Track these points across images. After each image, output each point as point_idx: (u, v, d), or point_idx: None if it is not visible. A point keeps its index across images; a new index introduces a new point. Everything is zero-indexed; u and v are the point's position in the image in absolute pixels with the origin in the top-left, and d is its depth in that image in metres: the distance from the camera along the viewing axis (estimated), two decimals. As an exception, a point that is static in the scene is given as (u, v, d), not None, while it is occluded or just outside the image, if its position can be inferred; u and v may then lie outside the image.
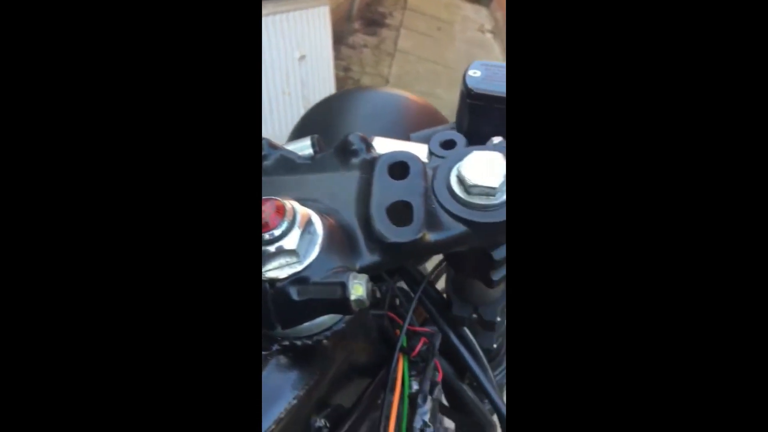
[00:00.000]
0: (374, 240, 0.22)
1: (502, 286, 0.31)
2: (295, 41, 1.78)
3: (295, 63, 1.75)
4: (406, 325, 0.30)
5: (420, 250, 0.22)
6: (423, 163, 0.24)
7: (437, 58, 3.32)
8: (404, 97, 0.53)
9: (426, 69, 3.09)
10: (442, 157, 0.27)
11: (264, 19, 1.70)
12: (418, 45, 3.43)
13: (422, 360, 0.31)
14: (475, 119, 0.30)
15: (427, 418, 0.28)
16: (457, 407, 0.41)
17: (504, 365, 0.41)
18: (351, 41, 3.09)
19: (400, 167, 0.24)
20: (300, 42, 1.81)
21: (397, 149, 0.25)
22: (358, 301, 0.20)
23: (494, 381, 0.34)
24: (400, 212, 0.22)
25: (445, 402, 0.44)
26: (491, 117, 0.28)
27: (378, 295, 0.31)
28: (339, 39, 3.08)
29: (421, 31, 3.74)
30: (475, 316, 0.31)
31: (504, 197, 0.23)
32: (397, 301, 0.34)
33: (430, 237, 0.22)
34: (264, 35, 1.60)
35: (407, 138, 0.33)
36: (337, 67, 2.28)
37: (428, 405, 0.28)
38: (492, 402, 0.31)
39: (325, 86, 1.94)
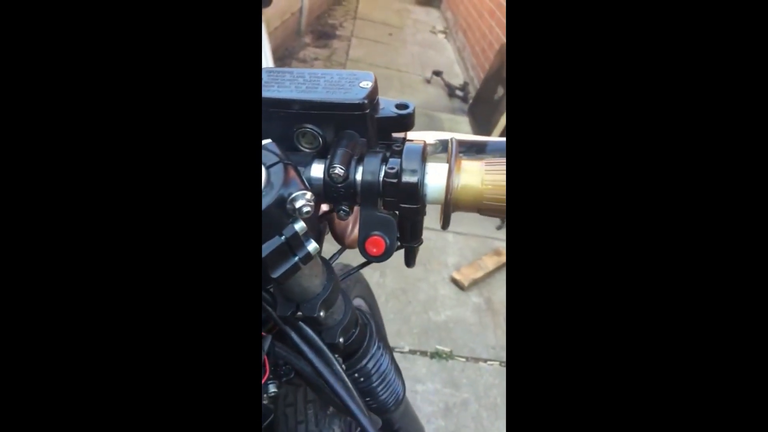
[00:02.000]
0: None
1: (319, 280, 0.33)
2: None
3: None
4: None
5: None
6: None
7: (389, 63, 3.37)
8: None
9: (378, 74, 3.10)
10: None
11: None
12: (370, 52, 3.47)
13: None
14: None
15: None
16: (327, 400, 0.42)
17: (364, 362, 0.41)
18: (302, 55, 3.11)
19: None
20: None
21: None
22: None
23: (342, 374, 0.35)
24: None
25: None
26: (276, 120, 0.29)
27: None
28: (290, 54, 3.10)
29: (373, 38, 3.78)
30: (300, 313, 0.32)
31: None
32: None
33: None
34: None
35: None
36: (286, 82, 2.30)
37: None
38: (335, 392, 0.33)
39: (270, 102, 1.96)
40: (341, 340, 0.36)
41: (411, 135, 0.34)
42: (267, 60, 1.98)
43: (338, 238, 0.38)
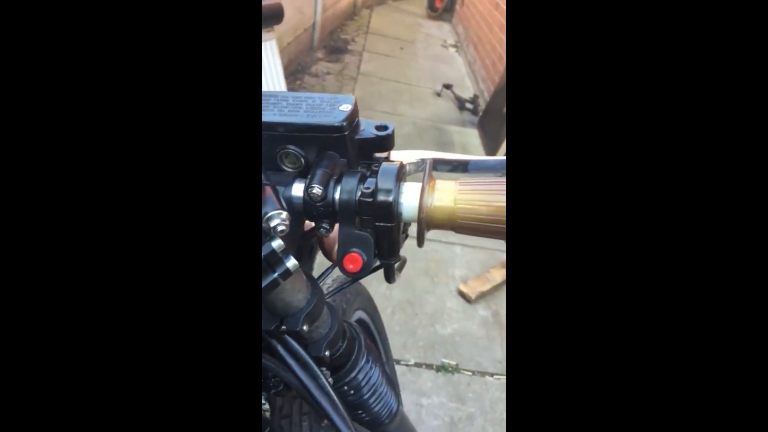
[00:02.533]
0: None
1: (303, 295, 0.34)
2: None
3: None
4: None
5: None
6: None
7: (399, 77, 3.40)
8: None
9: (388, 88, 3.16)
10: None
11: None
12: (381, 66, 3.51)
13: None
14: None
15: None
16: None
17: (353, 374, 0.42)
18: (314, 70, 3.17)
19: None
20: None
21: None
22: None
23: (327, 386, 0.35)
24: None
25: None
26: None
27: None
28: (302, 69, 3.16)
29: (384, 52, 3.83)
30: (283, 327, 0.33)
31: None
32: None
33: None
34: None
35: None
36: (297, 96, 2.36)
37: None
38: (318, 404, 0.34)
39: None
40: (327, 353, 0.37)
41: (395, 154, 0.35)
42: (278, 75, 2.03)
43: (327, 255, 0.39)
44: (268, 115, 0.30)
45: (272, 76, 1.95)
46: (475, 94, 3.20)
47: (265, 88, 2.00)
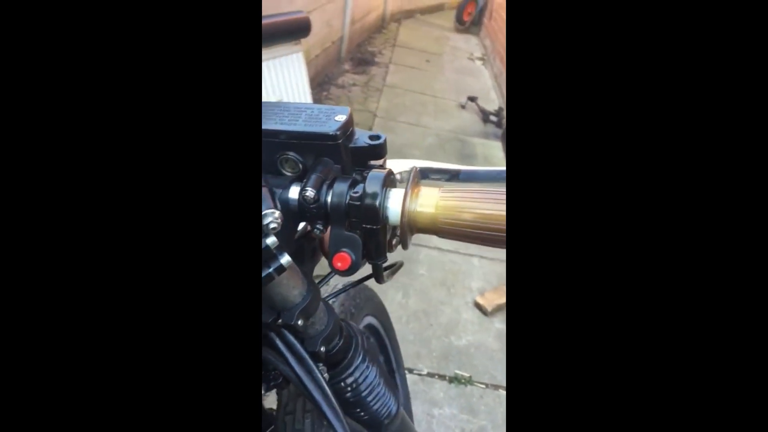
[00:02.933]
0: None
1: (298, 291, 0.36)
2: (271, 87, 1.91)
3: (274, 107, 1.91)
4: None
5: None
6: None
7: (425, 89, 3.44)
8: None
9: (413, 100, 3.20)
10: None
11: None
12: (407, 78, 3.56)
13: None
14: None
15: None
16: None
17: (350, 371, 0.44)
18: (341, 81, 3.24)
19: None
20: (276, 87, 1.94)
21: None
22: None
23: (321, 380, 0.37)
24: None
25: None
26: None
27: None
28: (329, 80, 3.24)
29: (411, 65, 3.88)
30: (280, 320, 0.36)
31: None
32: None
33: None
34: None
35: None
36: (323, 106, 2.43)
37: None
38: (311, 397, 0.36)
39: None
40: (323, 349, 0.39)
41: (391, 163, 0.37)
42: (304, 86, 2.09)
43: (326, 255, 0.42)
44: (270, 124, 0.32)
45: (298, 87, 2.02)
46: (500, 107, 3.20)
47: (291, 98, 2.07)
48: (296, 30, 1.82)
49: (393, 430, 0.59)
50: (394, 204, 0.30)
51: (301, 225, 0.37)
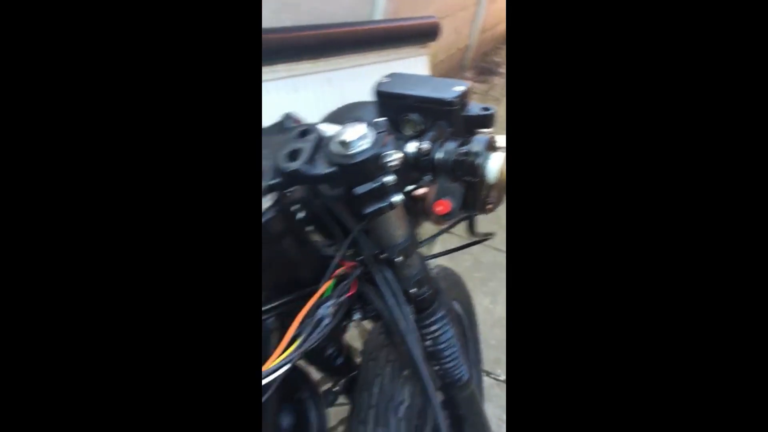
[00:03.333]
0: (277, 170, 0.36)
1: (401, 232, 0.41)
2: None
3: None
4: (339, 254, 0.41)
5: (303, 178, 0.35)
6: (318, 130, 0.38)
7: (545, 103, 3.34)
8: None
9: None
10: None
11: (369, 68, 1.95)
12: (529, 91, 3.48)
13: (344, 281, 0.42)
14: (381, 110, 0.41)
15: (327, 311, 0.38)
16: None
17: (431, 319, 0.48)
18: (460, 88, 3.28)
19: (305, 132, 0.38)
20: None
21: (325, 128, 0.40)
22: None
23: (409, 314, 0.42)
24: (295, 155, 0.36)
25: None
26: (390, 109, 0.41)
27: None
28: (449, 86, 3.30)
29: (534, 77, 3.78)
30: (383, 255, 0.41)
31: (356, 149, 0.34)
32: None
33: (308, 169, 0.35)
34: (368, 81, 1.86)
35: None
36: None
37: (331, 305, 0.39)
38: (399, 334, 0.42)
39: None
40: (414, 290, 0.45)
41: (496, 137, 0.42)
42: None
43: (426, 212, 0.48)
44: (398, 88, 0.40)
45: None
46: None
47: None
48: (425, 34, 1.91)
49: (463, 397, 0.63)
50: (493, 164, 0.35)
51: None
